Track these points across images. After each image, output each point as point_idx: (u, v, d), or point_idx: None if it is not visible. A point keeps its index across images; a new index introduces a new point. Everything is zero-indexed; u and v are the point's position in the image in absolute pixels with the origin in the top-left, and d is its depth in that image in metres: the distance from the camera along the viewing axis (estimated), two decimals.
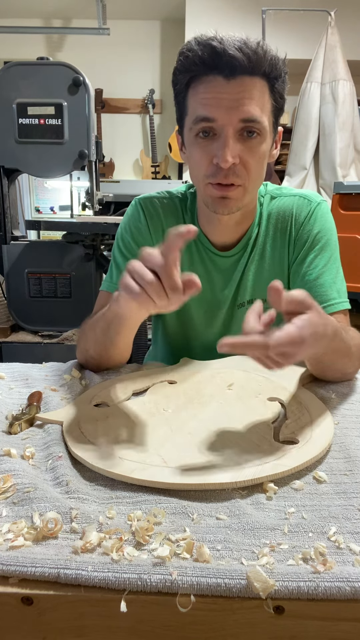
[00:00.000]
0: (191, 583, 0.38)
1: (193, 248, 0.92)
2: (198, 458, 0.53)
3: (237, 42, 0.68)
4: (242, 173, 0.74)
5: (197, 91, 0.73)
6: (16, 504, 0.47)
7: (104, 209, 2.55)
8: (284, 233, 0.89)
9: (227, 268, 0.92)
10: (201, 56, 0.69)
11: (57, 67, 1.94)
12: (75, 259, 2.11)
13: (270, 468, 0.51)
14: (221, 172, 0.74)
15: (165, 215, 0.91)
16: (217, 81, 0.70)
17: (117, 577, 0.38)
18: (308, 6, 2.97)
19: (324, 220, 0.88)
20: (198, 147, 0.75)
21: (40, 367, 0.87)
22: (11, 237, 2.15)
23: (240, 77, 0.69)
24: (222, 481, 0.49)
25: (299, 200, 0.89)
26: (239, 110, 0.70)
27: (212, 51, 0.68)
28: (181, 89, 0.76)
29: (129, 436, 0.59)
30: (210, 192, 0.77)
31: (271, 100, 0.74)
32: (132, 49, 4.16)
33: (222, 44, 0.68)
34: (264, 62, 0.69)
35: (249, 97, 0.70)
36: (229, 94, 0.70)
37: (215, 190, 0.76)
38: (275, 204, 0.90)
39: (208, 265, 0.92)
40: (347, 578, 0.38)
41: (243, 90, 0.70)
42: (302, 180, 3.05)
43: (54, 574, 0.39)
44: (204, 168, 0.76)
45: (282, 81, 0.74)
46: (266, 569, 0.39)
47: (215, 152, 0.73)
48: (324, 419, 0.63)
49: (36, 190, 4.32)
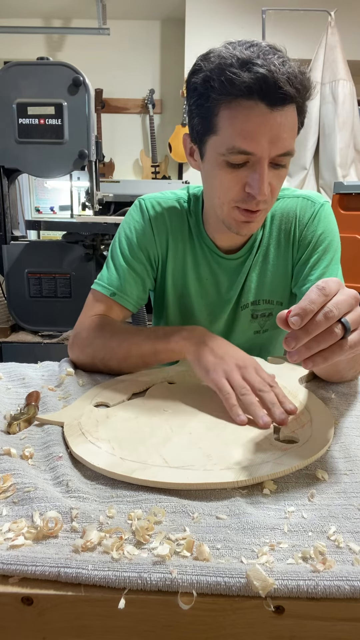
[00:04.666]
0: (191, 581, 0.38)
1: (198, 250, 0.91)
2: (198, 458, 0.53)
3: (287, 72, 0.64)
4: (269, 199, 0.74)
5: (234, 116, 0.67)
6: (16, 504, 0.47)
7: (104, 209, 2.56)
8: (287, 234, 0.89)
9: (232, 270, 0.92)
10: (248, 82, 0.64)
11: (57, 67, 1.94)
12: (75, 259, 2.11)
13: (271, 467, 0.51)
14: (253, 201, 0.73)
15: (170, 217, 0.91)
16: (260, 109, 0.66)
17: (117, 576, 0.38)
18: (308, 6, 2.97)
19: (328, 222, 0.88)
20: (228, 173, 0.72)
21: (36, 366, 0.87)
22: (11, 237, 2.15)
23: (282, 107, 0.67)
24: (223, 480, 0.49)
25: (303, 202, 0.89)
26: (278, 146, 0.68)
27: (262, 80, 0.64)
28: (210, 105, 0.69)
29: (130, 436, 0.59)
30: (236, 216, 0.77)
31: (298, 122, 0.72)
32: (132, 49, 4.16)
33: (272, 72, 0.63)
34: (308, 91, 0.68)
35: (289, 129, 0.69)
36: (270, 125, 0.67)
37: (241, 215, 0.76)
38: (278, 206, 0.90)
39: (213, 266, 0.92)
40: (347, 577, 0.38)
41: (284, 122, 0.67)
42: (302, 180, 3.05)
43: (54, 573, 0.39)
44: (234, 193, 0.74)
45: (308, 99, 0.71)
46: (266, 568, 0.39)
47: (249, 182, 0.71)
48: (324, 417, 0.63)
49: (36, 190, 4.32)
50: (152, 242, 0.90)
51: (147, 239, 0.90)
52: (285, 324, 0.47)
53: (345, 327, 0.47)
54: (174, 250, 0.91)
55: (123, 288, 0.89)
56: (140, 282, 0.91)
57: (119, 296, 0.88)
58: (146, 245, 0.90)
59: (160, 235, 0.90)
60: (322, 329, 0.46)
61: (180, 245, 0.91)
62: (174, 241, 0.91)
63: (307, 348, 0.47)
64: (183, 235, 0.91)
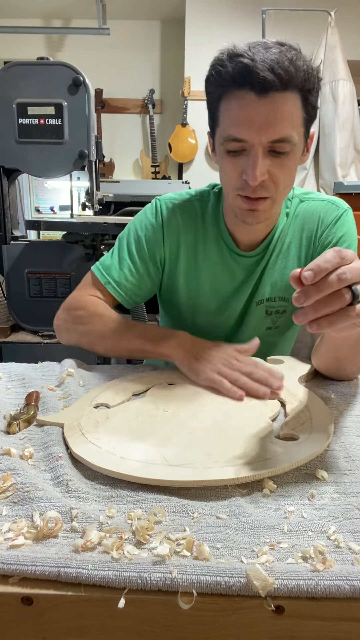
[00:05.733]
0: (191, 581, 0.38)
1: (215, 248, 0.93)
2: (199, 456, 0.54)
3: (270, 60, 0.67)
4: (270, 187, 0.75)
5: (229, 107, 0.72)
6: (16, 503, 0.47)
7: (104, 209, 2.55)
8: (310, 234, 0.91)
9: (249, 266, 0.93)
10: (232, 73, 0.69)
11: (57, 67, 1.94)
12: (75, 259, 2.11)
13: (271, 464, 0.51)
14: (250, 188, 0.75)
15: (183, 218, 0.93)
16: (249, 98, 0.69)
17: (117, 576, 0.38)
18: (308, 6, 2.97)
19: (350, 226, 0.91)
20: (228, 161, 0.76)
21: (36, 366, 0.87)
22: (11, 237, 2.15)
23: (272, 94, 0.68)
24: (223, 477, 0.49)
25: (327, 205, 0.91)
26: (269, 132, 0.70)
27: (244, 69, 0.67)
28: (213, 100, 0.76)
29: (130, 436, 0.59)
30: (239, 204, 0.79)
31: (303, 112, 0.73)
32: (132, 49, 4.15)
33: (254, 61, 0.66)
34: (296, 78, 0.68)
35: (281, 116, 0.70)
36: (260, 112, 0.69)
37: (244, 203, 0.78)
38: (303, 207, 0.92)
39: (230, 264, 0.93)
40: (347, 577, 0.38)
41: (275, 108, 0.69)
42: (302, 180, 3.05)
43: (54, 573, 0.39)
44: (234, 180, 0.77)
45: (315, 91, 0.72)
46: (266, 568, 0.39)
47: (244, 168, 0.74)
48: (324, 415, 0.63)
49: (36, 190, 4.32)
50: (161, 244, 0.93)
51: (156, 240, 0.93)
52: (297, 281, 0.47)
53: (354, 294, 0.48)
54: (186, 251, 0.93)
55: (118, 280, 0.92)
56: (137, 279, 0.93)
57: (111, 286, 0.92)
58: (153, 246, 0.93)
59: (171, 237, 0.93)
60: (332, 289, 0.46)
61: (193, 246, 0.93)
62: (186, 242, 0.93)
63: (314, 309, 0.47)
64: (197, 235, 0.93)
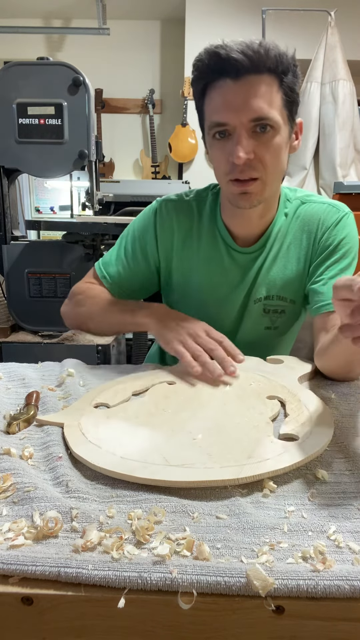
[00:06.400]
0: (191, 581, 0.38)
1: (211, 246, 0.94)
2: (199, 456, 0.54)
3: (240, 45, 0.72)
4: (258, 167, 0.78)
5: (210, 97, 0.78)
6: (16, 503, 0.47)
7: (104, 209, 2.55)
8: (309, 235, 0.92)
9: (245, 264, 0.93)
10: (209, 64, 0.75)
11: (57, 67, 1.94)
12: (75, 259, 2.10)
13: (271, 464, 0.51)
14: (237, 168, 0.77)
15: (178, 217, 0.95)
16: (227, 84, 0.75)
17: (118, 576, 0.38)
18: (308, 6, 2.96)
19: (350, 229, 0.92)
20: (216, 148, 0.80)
21: (36, 366, 0.87)
22: (11, 237, 2.15)
23: (245, 76, 0.73)
24: (223, 477, 0.49)
25: (328, 208, 0.92)
26: (247, 111, 0.74)
27: (218, 57, 0.73)
28: (198, 97, 0.81)
29: (130, 436, 0.59)
30: (232, 189, 0.82)
31: (281, 93, 0.77)
32: (132, 49, 4.15)
33: (226, 49, 0.72)
34: (267, 59, 0.73)
35: (255, 95, 0.74)
36: (236, 94, 0.74)
37: (235, 187, 0.81)
38: (304, 209, 0.93)
39: (226, 261, 0.94)
40: (346, 577, 0.38)
41: (249, 88, 0.74)
42: (302, 180, 3.05)
43: (54, 573, 0.39)
44: (223, 166, 0.80)
45: (291, 74, 0.77)
46: (266, 567, 0.39)
47: (229, 150, 0.77)
48: (324, 415, 0.63)
49: (36, 190, 4.32)
50: (154, 243, 0.95)
51: (149, 239, 0.96)
52: None
53: None
54: (180, 250, 0.95)
55: (113, 276, 0.98)
56: (129, 276, 0.97)
57: (106, 281, 0.98)
58: (146, 245, 0.96)
59: (165, 236, 0.95)
60: None
61: (188, 245, 0.95)
62: (180, 241, 0.95)
63: None
64: (191, 233, 0.95)
